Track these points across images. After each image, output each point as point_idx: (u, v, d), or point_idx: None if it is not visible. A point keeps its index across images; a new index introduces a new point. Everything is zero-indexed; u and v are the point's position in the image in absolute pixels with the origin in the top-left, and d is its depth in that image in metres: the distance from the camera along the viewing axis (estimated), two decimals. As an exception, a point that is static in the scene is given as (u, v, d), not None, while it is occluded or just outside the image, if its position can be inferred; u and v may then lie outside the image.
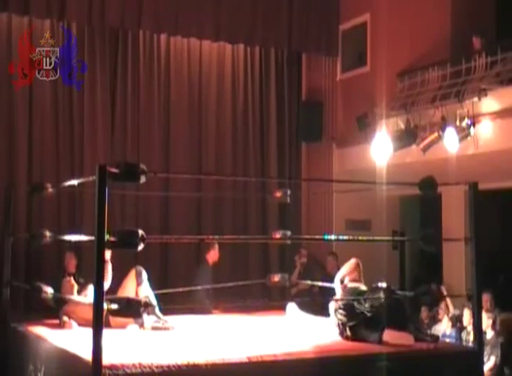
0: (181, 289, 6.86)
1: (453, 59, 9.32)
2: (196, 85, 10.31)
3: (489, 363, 7.62)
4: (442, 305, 8.73)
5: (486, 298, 7.82)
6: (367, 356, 5.56)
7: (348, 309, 6.27)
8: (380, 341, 5.91)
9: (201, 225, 10.06)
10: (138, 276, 6.94)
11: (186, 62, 10.25)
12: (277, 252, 10.38)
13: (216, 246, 8.89)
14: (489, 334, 7.75)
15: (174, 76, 10.15)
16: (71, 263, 7.85)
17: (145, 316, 6.51)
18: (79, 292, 7.13)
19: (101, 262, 4.61)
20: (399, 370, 5.47)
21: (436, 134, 8.64)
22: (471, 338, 7.26)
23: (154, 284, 7.43)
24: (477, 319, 6.04)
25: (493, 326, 7.87)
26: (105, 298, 6.83)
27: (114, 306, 6.20)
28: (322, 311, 7.33)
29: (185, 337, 6.21)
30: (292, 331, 6.72)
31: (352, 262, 7.00)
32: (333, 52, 10.77)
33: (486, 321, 7.38)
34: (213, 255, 8.98)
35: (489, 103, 8.40)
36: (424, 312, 9.02)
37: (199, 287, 7.71)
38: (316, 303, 8.17)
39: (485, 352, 7.14)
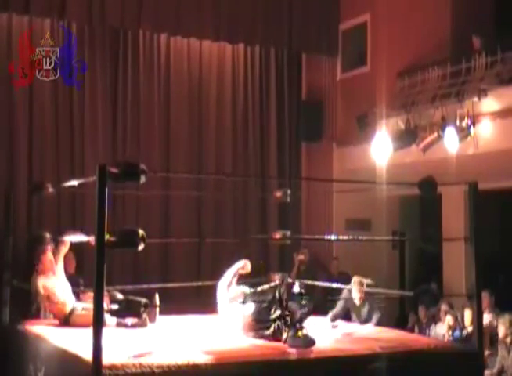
0: (178, 284, 6.88)
1: (453, 59, 9.32)
2: (196, 85, 10.31)
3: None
4: (443, 306, 8.69)
5: (485, 299, 7.76)
6: (367, 357, 5.55)
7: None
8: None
9: (201, 225, 10.06)
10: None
11: (186, 62, 10.26)
12: (277, 252, 10.39)
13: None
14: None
15: (174, 76, 10.16)
16: (70, 264, 7.84)
17: (107, 316, 6.36)
18: (78, 297, 7.07)
19: (101, 262, 4.61)
20: (399, 370, 5.47)
21: (436, 134, 8.65)
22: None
23: (155, 283, 7.45)
24: (478, 319, 6.04)
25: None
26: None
27: (115, 306, 6.22)
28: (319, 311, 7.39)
29: (185, 337, 6.21)
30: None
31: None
32: (333, 52, 10.77)
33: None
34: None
35: (489, 103, 8.41)
36: (422, 312, 9.01)
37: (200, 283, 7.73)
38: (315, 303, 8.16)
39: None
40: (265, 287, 6.25)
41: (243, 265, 6.88)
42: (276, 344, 5.78)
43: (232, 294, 6.53)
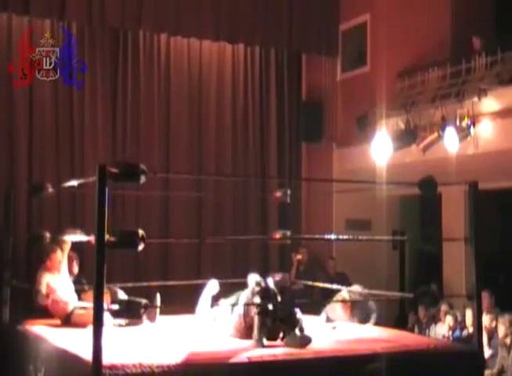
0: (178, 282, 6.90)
1: (453, 59, 9.33)
2: (196, 85, 10.32)
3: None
4: (443, 307, 8.69)
5: (485, 300, 7.75)
6: (367, 357, 5.55)
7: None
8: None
9: (201, 225, 10.06)
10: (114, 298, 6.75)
11: (186, 62, 10.26)
12: (277, 252, 10.39)
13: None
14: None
15: (174, 76, 10.16)
16: (72, 264, 7.83)
17: (106, 315, 6.32)
18: (79, 296, 7.07)
19: (101, 262, 4.61)
20: (399, 370, 5.46)
21: (436, 134, 8.64)
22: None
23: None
24: (478, 319, 6.04)
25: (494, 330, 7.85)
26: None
27: (115, 307, 6.21)
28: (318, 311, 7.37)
29: (185, 337, 6.21)
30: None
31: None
32: (333, 52, 10.77)
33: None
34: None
35: (489, 103, 8.40)
36: (422, 312, 9.01)
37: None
38: (313, 303, 8.15)
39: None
40: (246, 291, 6.20)
41: (213, 286, 6.88)
42: (274, 343, 5.77)
43: (214, 314, 6.50)
